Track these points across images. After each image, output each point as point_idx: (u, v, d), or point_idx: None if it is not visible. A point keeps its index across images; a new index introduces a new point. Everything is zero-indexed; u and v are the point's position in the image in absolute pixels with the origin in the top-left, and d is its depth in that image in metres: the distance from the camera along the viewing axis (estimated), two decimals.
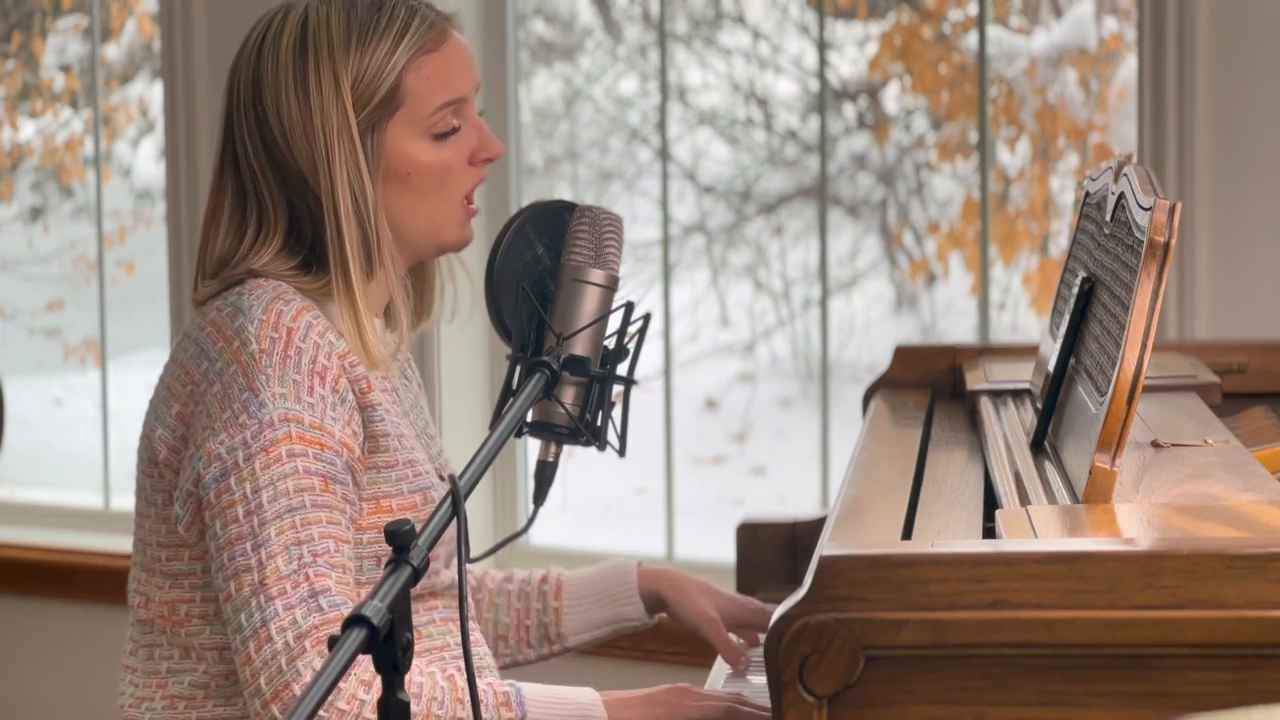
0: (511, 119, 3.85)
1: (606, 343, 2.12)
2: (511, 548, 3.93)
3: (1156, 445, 2.08)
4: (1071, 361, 2.14)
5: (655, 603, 2.44)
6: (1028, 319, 5.64)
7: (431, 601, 2.21)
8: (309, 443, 2.06)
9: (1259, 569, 1.62)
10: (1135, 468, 1.98)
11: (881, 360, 5.63)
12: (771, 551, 2.65)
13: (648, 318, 2.14)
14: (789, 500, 5.93)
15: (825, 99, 3.94)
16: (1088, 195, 2.35)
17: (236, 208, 2.19)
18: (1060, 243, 5.31)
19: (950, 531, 1.95)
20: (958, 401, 2.63)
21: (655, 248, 5.82)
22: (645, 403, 3.11)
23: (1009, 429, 2.28)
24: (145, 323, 5.10)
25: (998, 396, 2.48)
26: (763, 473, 6.29)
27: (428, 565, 1.69)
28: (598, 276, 2.12)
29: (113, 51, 5.44)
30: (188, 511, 2.11)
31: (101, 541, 4.28)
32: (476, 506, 3.84)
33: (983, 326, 3.71)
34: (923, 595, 1.64)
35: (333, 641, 1.58)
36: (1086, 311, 2.14)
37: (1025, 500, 1.95)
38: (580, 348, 2.09)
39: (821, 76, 3.92)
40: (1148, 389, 2.31)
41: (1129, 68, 5.07)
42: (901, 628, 1.64)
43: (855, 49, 5.92)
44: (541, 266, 2.16)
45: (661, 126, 4.19)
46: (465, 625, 1.78)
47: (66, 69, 5.31)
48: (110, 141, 5.67)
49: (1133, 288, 1.85)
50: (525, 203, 2.51)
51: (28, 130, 5.36)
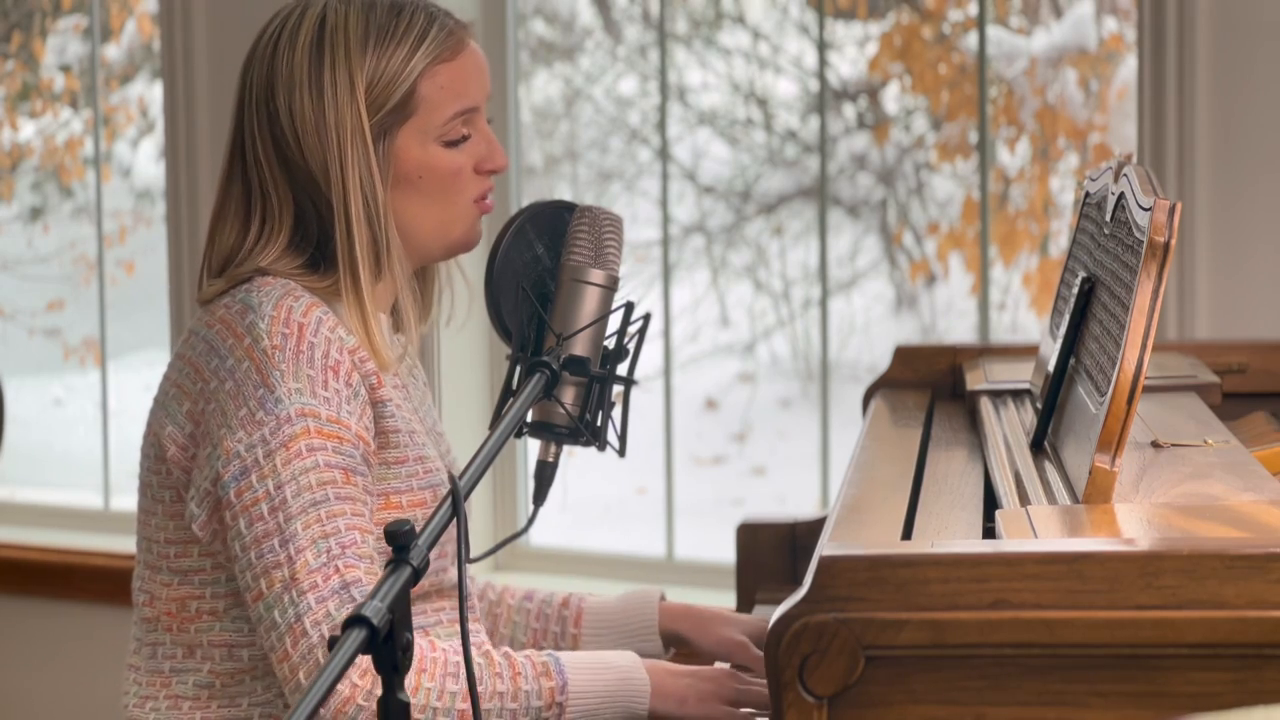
0: (511, 119, 3.85)
1: (606, 343, 2.12)
2: (512, 548, 3.93)
3: (1156, 445, 2.08)
4: (1071, 361, 2.14)
5: (674, 640, 2.42)
6: (1028, 319, 5.64)
7: (438, 602, 2.21)
8: (327, 436, 2.06)
9: (1259, 569, 1.62)
10: (1135, 468, 1.98)
11: (881, 360, 5.63)
12: (771, 551, 2.65)
13: (648, 318, 2.14)
14: (789, 500, 5.93)
15: (825, 99, 3.94)
16: (1088, 195, 2.35)
17: (242, 204, 2.20)
18: (1060, 243, 5.31)
19: (950, 531, 1.95)
20: (958, 401, 2.63)
21: (655, 248, 5.82)
22: (645, 403, 3.11)
23: (1009, 429, 2.28)
24: (145, 323, 5.10)
25: (998, 396, 2.48)
26: (763, 473, 6.29)
27: (428, 565, 1.69)
28: (598, 276, 2.12)
29: (113, 51, 5.44)
30: (204, 510, 2.10)
31: (101, 541, 4.28)
32: (477, 506, 3.84)
33: (983, 326, 3.71)
34: (923, 595, 1.64)
35: (333, 642, 1.58)
36: (1086, 311, 2.14)
37: (1025, 500, 1.95)
38: (580, 348, 2.09)
39: (821, 76, 3.92)
40: (1148, 389, 2.31)
41: (1129, 68, 5.07)
42: (901, 628, 1.64)
43: (855, 49, 5.92)
44: (541, 266, 2.16)
45: (661, 126, 4.19)
46: (465, 625, 1.78)
47: (66, 69, 5.32)
48: (110, 141, 5.67)
49: (1133, 288, 1.85)
50: (525, 203, 2.51)
51: (28, 130, 5.36)
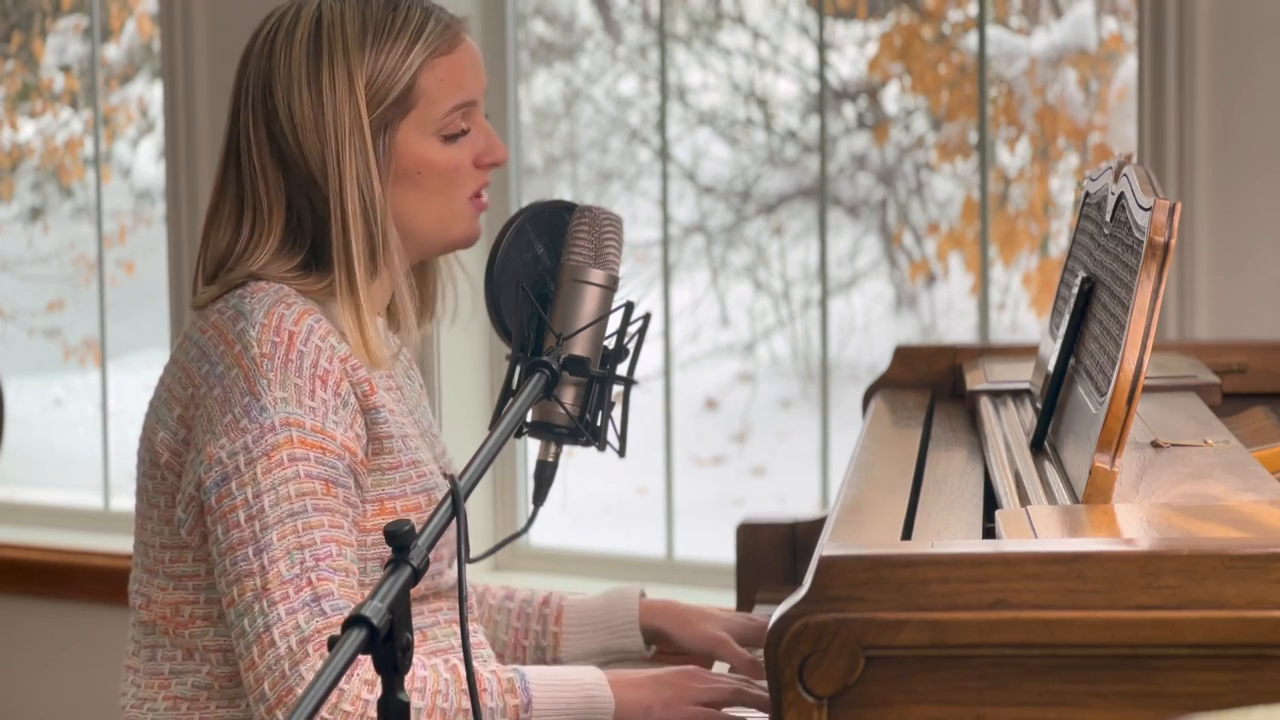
0: (511, 119, 3.85)
1: (606, 343, 2.12)
2: (512, 548, 3.93)
3: (1156, 445, 2.08)
4: (1071, 361, 2.14)
5: (655, 636, 2.42)
6: (1028, 319, 5.64)
7: (435, 603, 2.21)
8: (310, 446, 2.06)
9: (1259, 569, 1.62)
10: (1135, 468, 1.98)
11: (881, 360, 5.62)
12: (771, 551, 2.65)
13: (647, 318, 2.14)
14: (789, 500, 5.93)
15: (825, 99, 3.94)
16: (1088, 195, 2.35)
17: (235, 205, 2.19)
18: (1060, 243, 5.31)
19: (950, 531, 1.95)
20: (958, 401, 2.63)
21: (655, 248, 5.82)
22: (645, 403, 3.11)
23: (1009, 429, 2.28)
24: (145, 323, 5.10)
25: (998, 396, 2.48)
26: (763, 473, 6.29)
27: (428, 565, 1.69)
28: (598, 276, 2.12)
29: (113, 51, 5.44)
30: (190, 515, 2.11)
31: (101, 541, 4.28)
32: (476, 507, 3.84)
33: (983, 326, 3.71)
34: (923, 595, 1.64)
35: (333, 642, 1.58)
36: (1086, 311, 2.14)
37: (1025, 500, 1.95)
38: (580, 348, 2.09)
39: (821, 77, 3.92)
40: (1148, 389, 2.31)
41: (1129, 68, 5.07)
42: (901, 628, 1.64)
43: (855, 49, 5.91)
44: (541, 266, 2.16)
45: (661, 127, 4.19)
46: (465, 625, 1.78)
47: (66, 69, 5.31)
48: (110, 141, 5.67)
49: (1133, 288, 1.85)
50: (525, 203, 2.52)
51: (28, 130, 5.36)
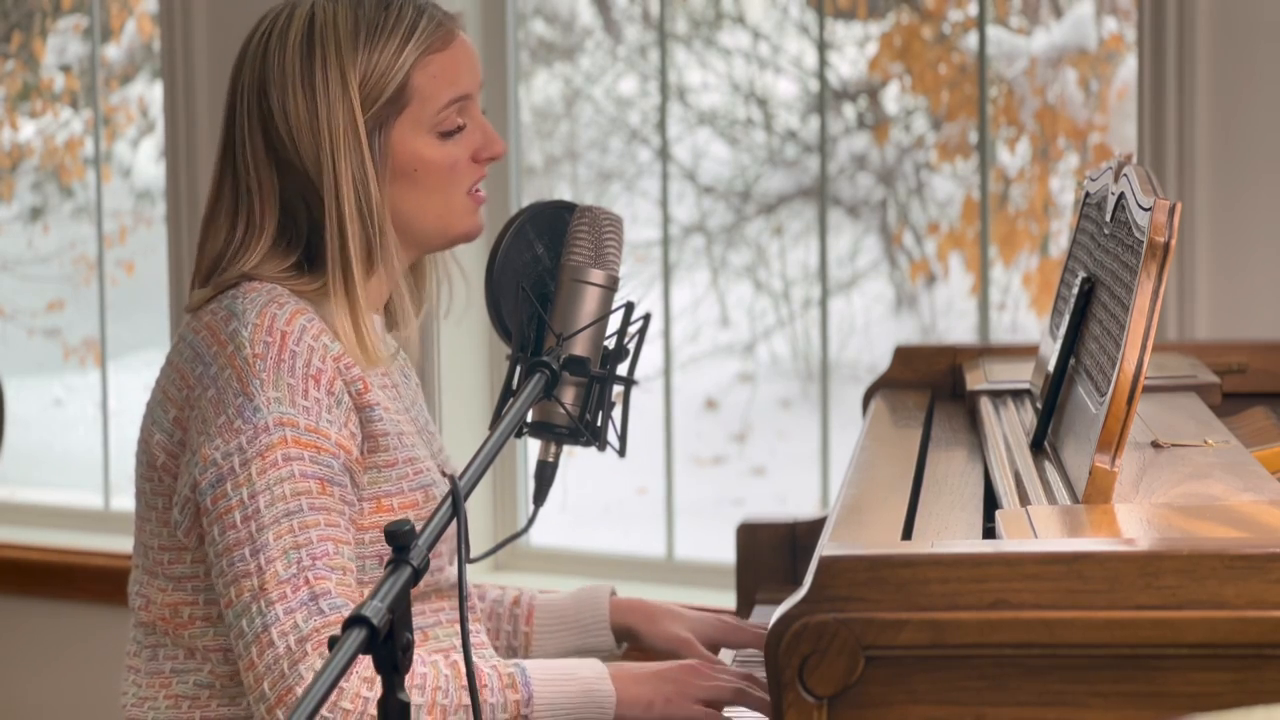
0: (511, 119, 3.85)
1: (606, 343, 2.12)
2: (512, 548, 3.93)
3: (1156, 445, 2.08)
4: (1071, 361, 2.14)
5: (625, 634, 2.42)
6: (1028, 319, 5.63)
7: (437, 602, 2.21)
8: (305, 446, 2.06)
9: (1259, 569, 1.62)
10: (1135, 468, 1.98)
11: (881, 360, 5.62)
12: (771, 551, 2.65)
13: (648, 318, 2.14)
14: (789, 500, 5.93)
15: (825, 99, 3.94)
16: (1088, 195, 2.35)
17: (230, 206, 2.19)
18: (1060, 243, 5.31)
19: (950, 531, 1.95)
20: (958, 401, 2.63)
21: (655, 248, 5.82)
22: (645, 403, 3.11)
23: (1009, 429, 2.28)
24: (145, 323, 5.10)
25: (998, 396, 2.48)
26: (763, 473, 6.29)
27: (428, 565, 1.69)
28: (598, 276, 2.12)
29: (113, 51, 5.44)
30: (186, 517, 2.11)
31: (101, 541, 4.28)
32: (476, 507, 3.84)
33: (983, 326, 3.71)
34: (923, 595, 1.64)
35: (333, 642, 1.58)
36: (1086, 311, 2.14)
37: (1025, 500, 1.95)
38: (580, 348, 2.09)
39: (821, 77, 3.92)
40: (1148, 389, 2.31)
41: (1129, 68, 5.07)
42: (901, 628, 1.64)
43: (855, 49, 5.91)
44: (541, 267, 2.16)
45: (661, 126, 4.19)
46: (465, 625, 1.78)
47: (66, 69, 5.31)
48: (110, 141, 5.67)
49: (1133, 288, 1.85)
50: (525, 203, 2.52)
51: (28, 130, 5.36)
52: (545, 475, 2.11)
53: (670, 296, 4.04)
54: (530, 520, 2.13)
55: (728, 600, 2.78)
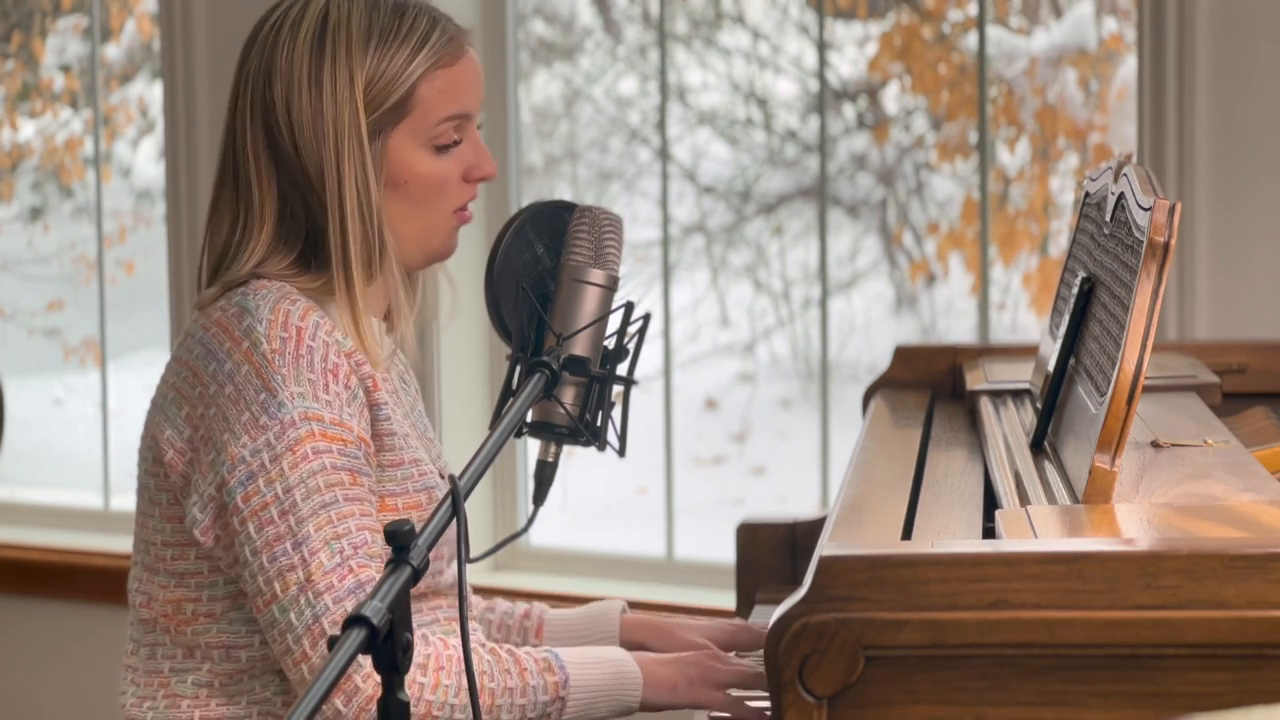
0: (511, 119, 3.85)
1: (606, 343, 2.12)
2: (512, 548, 3.93)
3: (1156, 445, 2.08)
4: (1071, 361, 2.14)
5: (636, 650, 2.43)
6: (1028, 319, 5.64)
7: (435, 601, 2.21)
8: (332, 439, 2.07)
9: (1259, 569, 1.62)
10: (1135, 468, 1.98)
11: (881, 360, 5.62)
12: (771, 551, 2.65)
13: (647, 318, 2.14)
14: (789, 500, 5.93)
15: (825, 99, 3.94)
16: (1087, 195, 2.35)
17: (231, 197, 2.20)
18: (1060, 243, 5.31)
19: (950, 531, 1.95)
20: (958, 401, 2.63)
21: (655, 248, 5.82)
22: (645, 403, 3.11)
23: (1009, 429, 2.28)
24: (145, 323, 5.10)
25: (998, 396, 2.48)
26: (763, 473, 6.29)
27: (428, 565, 1.70)
28: (598, 276, 2.12)
29: (113, 51, 5.44)
30: (207, 515, 2.10)
31: (101, 541, 4.28)
32: (476, 506, 3.84)
33: (982, 326, 3.71)
34: (923, 595, 1.64)
35: (332, 642, 1.58)
36: (1086, 311, 2.14)
37: (1025, 500, 1.95)
38: (580, 348, 2.09)
39: (821, 76, 3.92)
40: (1148, 389, 2.31)
41: (1129, 68, 5.07)
42: (901, 628, 1.64)
43: (855, 49, 5.92)
44: (541, 266, 2.16)
45: (661, 126, 4.19)
46: (465, 625, 1.78)
47: (66, 69, 5.31)
48: (110, 141, 5.67)
49: (1133, 288, 1.85)
50: (525, 203, 2.52)
51: (28, 130, 5.36)
52: (545, 475, 2.11)
53: (670, 296, 4.04)
54: (530, 520, 2.14)
55: (728, 600, 2.77)
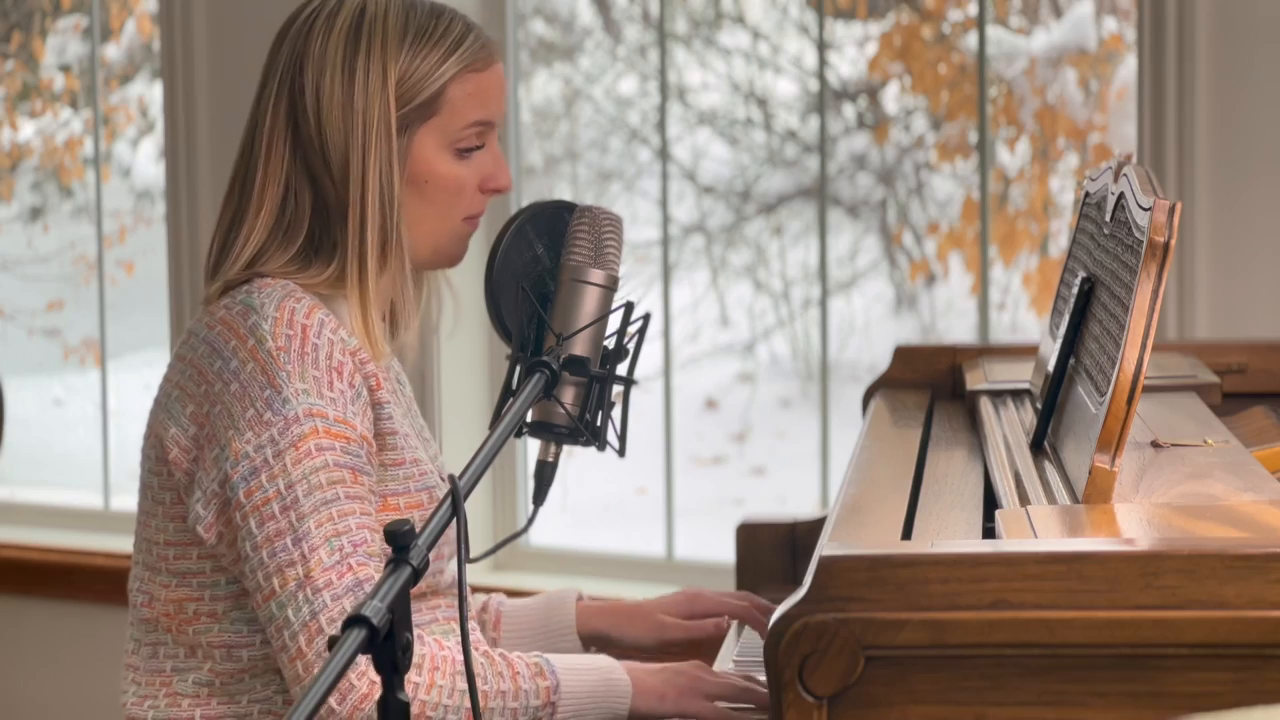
0: (511, 119, 3.85)
1: (606, 343, 2.13)
2: (511, 548, 3.93)
3: (1156, 445, 2.08)
4: (1071, 361, 2.14)
5: (594, 639, 2.44)
6: (1028, 319, 5.64)
7: (434, 600, 2.21)
8: (335, 436, 2.07)
9: (1259, 569, 1.62)
10: (1135, 468, 1.98)
11: (881, 360, 5.62)
12: (771, 551, 2.65)
13: (647, 318, 2.15)
14: (789, 500, 5.93)
15: (825, 99, 3.94)
16: (1087, 195, 2.35)
17: (237, 192, 2.20)
18: (1060, 243, 5.31)
19: (950, 531, 1.95)
20: (958, 401, 2.63)
21: (655, 248, 5.82)
22: (645, 403, 3.11)
23: (1009, 429, 2.28)
24: (145, 323, 5.10)
25: (998, 396, 2.48)
26: (763, 473, 6.29)
27: (428, 565, 1.70)
28: (597, 276, 2.12)
29: (113, 51, 5.44)
30: (210, 512, 2.10)
31: (101, 541, 4.28)
32: (476, 506, 3.84)
33: (982, 326, 3.71)
34: (923, 595, 1.64)
35: (332, 642, 1.58)
36: (1086, 311, 2.14)
37: (1025, 500, 1.95)
38: (580, 348, 2.09)
39: (821, 76, 3.92)
40: (1148, 389, 2.31)
41: (1129, 68, 5.07)
42: (901, 628, 1.64)
43: (855, 49, 5.92)
44: (541, 266, 2.16)
45: (661, 126, 4.19)
46: (465, 625, 1.78)
47: (66, 69, 5.32)
48: (110, 141, 5.67)
49: (1133, 288, 1.85)
50: (525, 203, 2.52)
51: (28, 130, 5.36)
52: (545, 475, 2.11)
53: (670, 296, 4.04)
54: (530, 520, 2.14)
55: None
